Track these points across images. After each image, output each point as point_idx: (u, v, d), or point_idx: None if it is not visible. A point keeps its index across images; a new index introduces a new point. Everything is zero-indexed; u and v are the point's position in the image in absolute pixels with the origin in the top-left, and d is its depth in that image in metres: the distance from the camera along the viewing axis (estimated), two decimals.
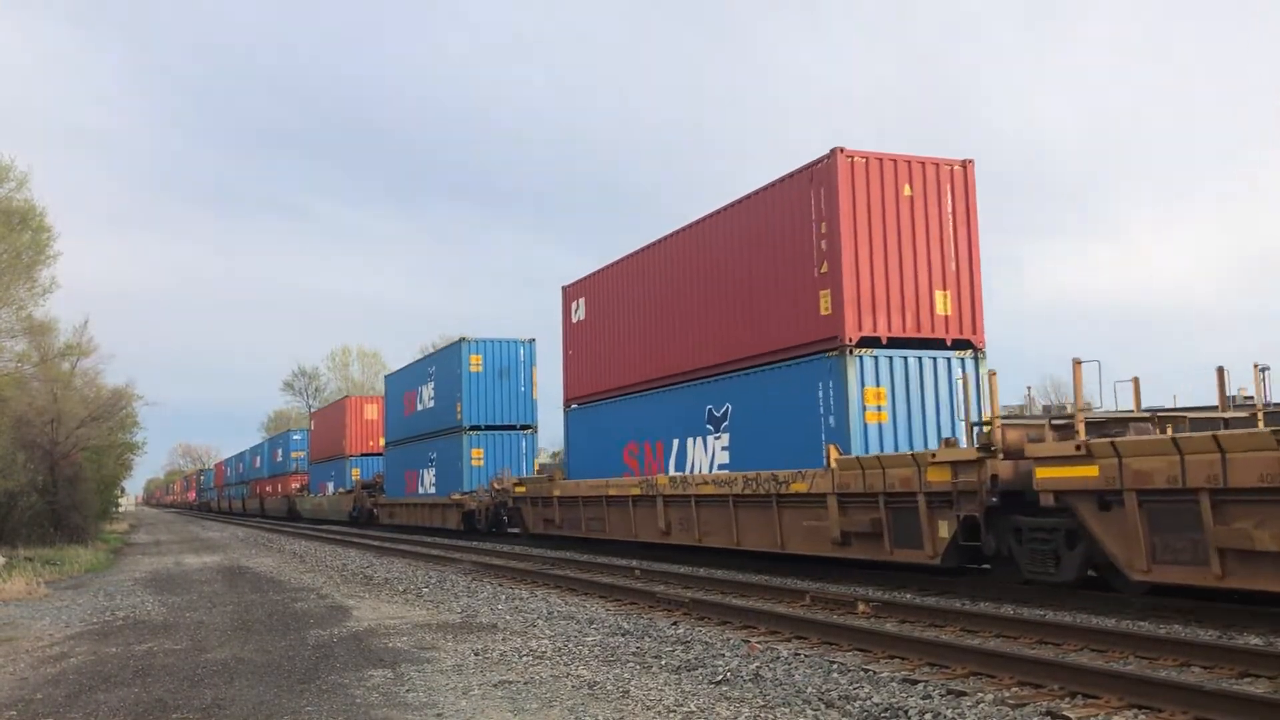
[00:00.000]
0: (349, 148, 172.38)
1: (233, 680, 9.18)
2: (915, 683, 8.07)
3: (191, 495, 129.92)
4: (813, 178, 16.80)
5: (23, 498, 33.42)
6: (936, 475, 13.43)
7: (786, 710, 7.40)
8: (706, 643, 10.38)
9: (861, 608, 12.23)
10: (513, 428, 34.45)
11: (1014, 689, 7.78)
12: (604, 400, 24.29)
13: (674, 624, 11.95)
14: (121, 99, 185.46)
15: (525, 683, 8.59)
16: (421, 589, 16.88)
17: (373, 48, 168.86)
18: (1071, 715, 6.92)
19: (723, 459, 19.22)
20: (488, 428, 34.03)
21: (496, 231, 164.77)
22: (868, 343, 16.12)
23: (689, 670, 9.02)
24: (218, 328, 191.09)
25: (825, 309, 16.40)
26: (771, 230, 17.92)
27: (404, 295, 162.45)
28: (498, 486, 30.55)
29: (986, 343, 16.84)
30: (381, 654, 10.30)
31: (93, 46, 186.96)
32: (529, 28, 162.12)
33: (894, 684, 8.07)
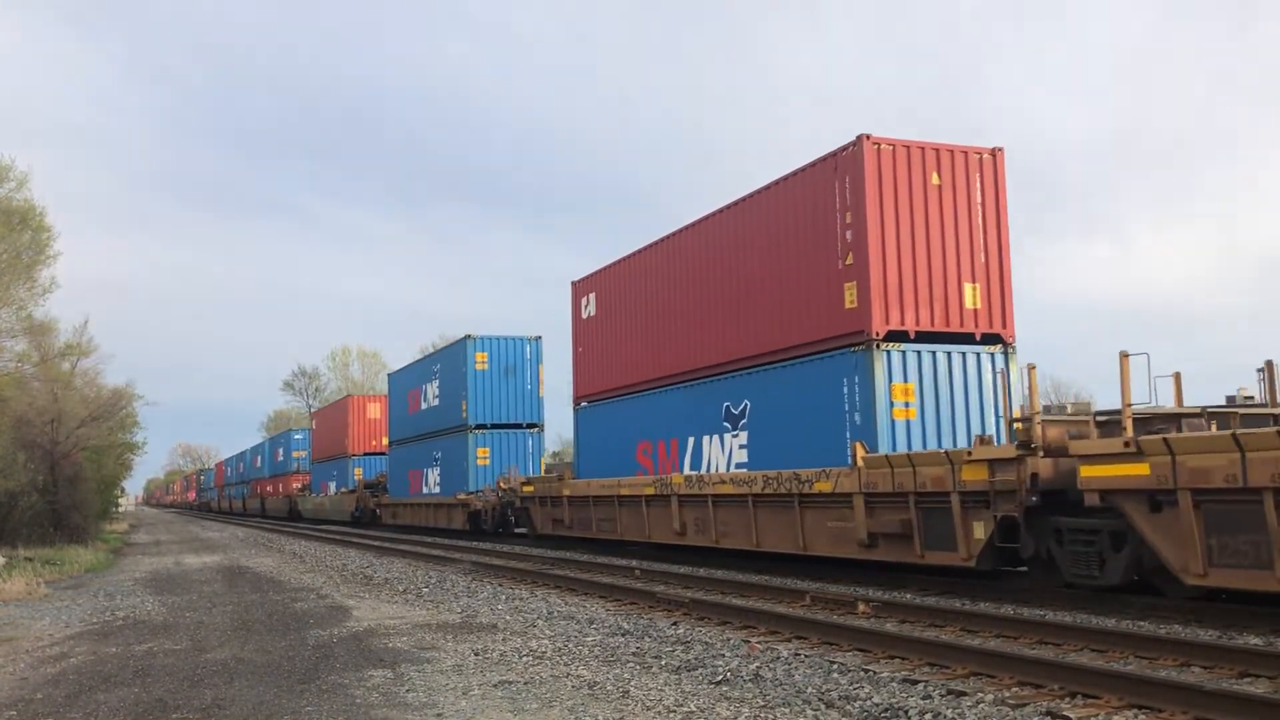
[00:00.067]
0: (349, 148, 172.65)
1: (233, 680, 9.18)
2: (915, 683, 8.07)
3: (191, 495, 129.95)
4: (837, 166, 16.28)
5: (23, 498, 33.44)
6: (972, 474, 12.90)
7: (786, 710, 7.40)
8: (706, 643, 10.38)
9: (861, 608, 12.23)
10: (519, 426, 33.91)
11: (1014, 689, 7.78)
12: (616, 398, 23.77)
13: (674, 624, 11.95)
14: (121, 99, 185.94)
15: (525, 683, 8.59)
16: (421, 589, 16.89)
17: (373, 48, 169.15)
18: (1071, 715, 6.92)
19: (740, 458, 18.70)
20: (493, 426, 33.53)
21: (496, 231, 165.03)
22: (895, 337, 15.58)
23: (689, 670, 9.02)
24: (218, 328, 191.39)
25: (850, 302, 15.87)
26: (793, 221, 17.44)
27: (404, 295, 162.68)
28: (504, 486, 30.04)
29: (1016, 337, 16.30)
30: (381, 654, 10.30)
31: (92, 46, 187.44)
32: (529, 28, 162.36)
33: (894, 684, 8.07)
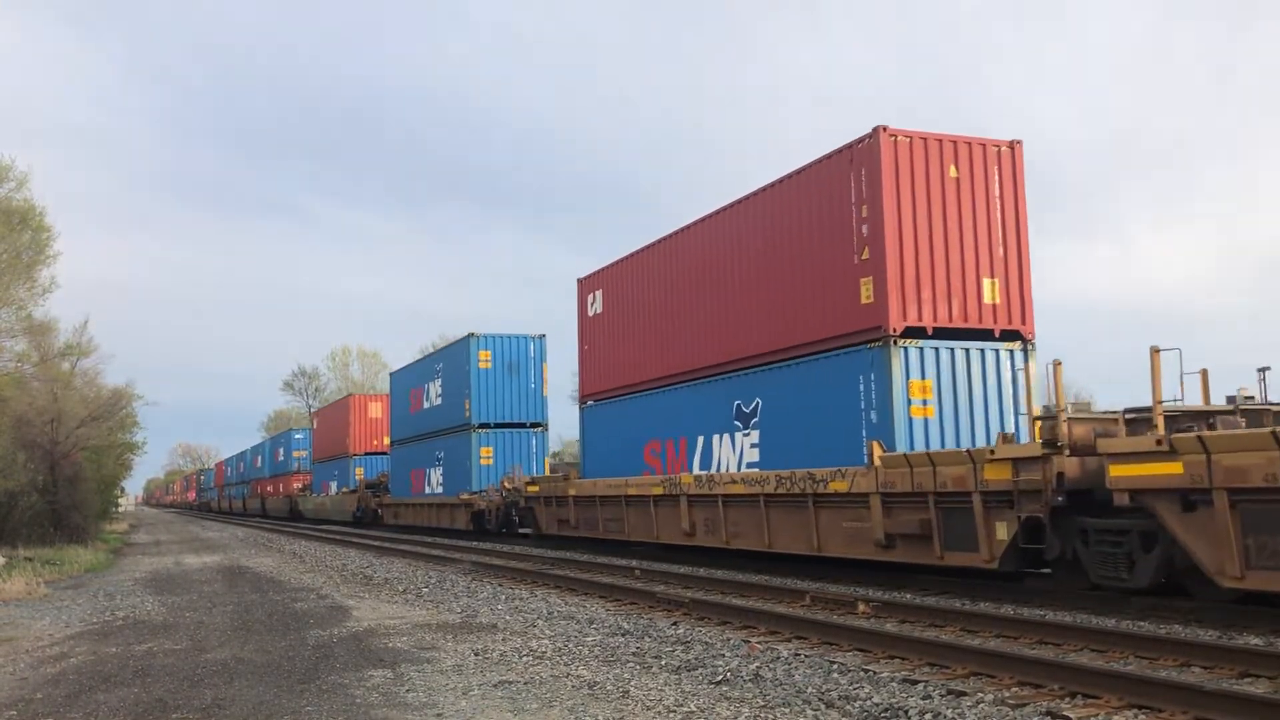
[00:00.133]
0: (349, 148, 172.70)
1: (233, 680, 9.18)
2: (915, 683, 8.07)
3: (191, 495, 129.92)
4: (853, 159, 16.00)
5: (23, 497, 33.44)
6: (995, 473, 12.62)
7: (786, 710, 7.40)
8: (706, 643, 10.38)
9: (861, 608, 12.22)
10: (523, 425, 33.58)
11: (1014, 689, 7.78)
12: (623, 396, 23.47)
13: (674, 624, 11.95)
14: (121, 99, 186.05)
15: (525, 683, 8.59)
16: (421, 589, 16.88)
17: (373, 48, 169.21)
18: (1071, 715, 6.92)
19: (752, 457, 18.40)
20: (497, 425, 33.21)
21: (496, 231, 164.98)
22: (912, 333, 15.27)
23: (689, 670, 9.02)
24: (218, 328, 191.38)
25: (866, 297, 15.58)
26: (807, 215, 17.13)
27: (404, 295, 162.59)
28: (509, 486, 29.78)
29: (1036, 334, 16.05)
30: (381, 654, 10.30)
31: (92, 46, 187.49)
32: (529, 28, 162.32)
33: (894, 684, 8.07)
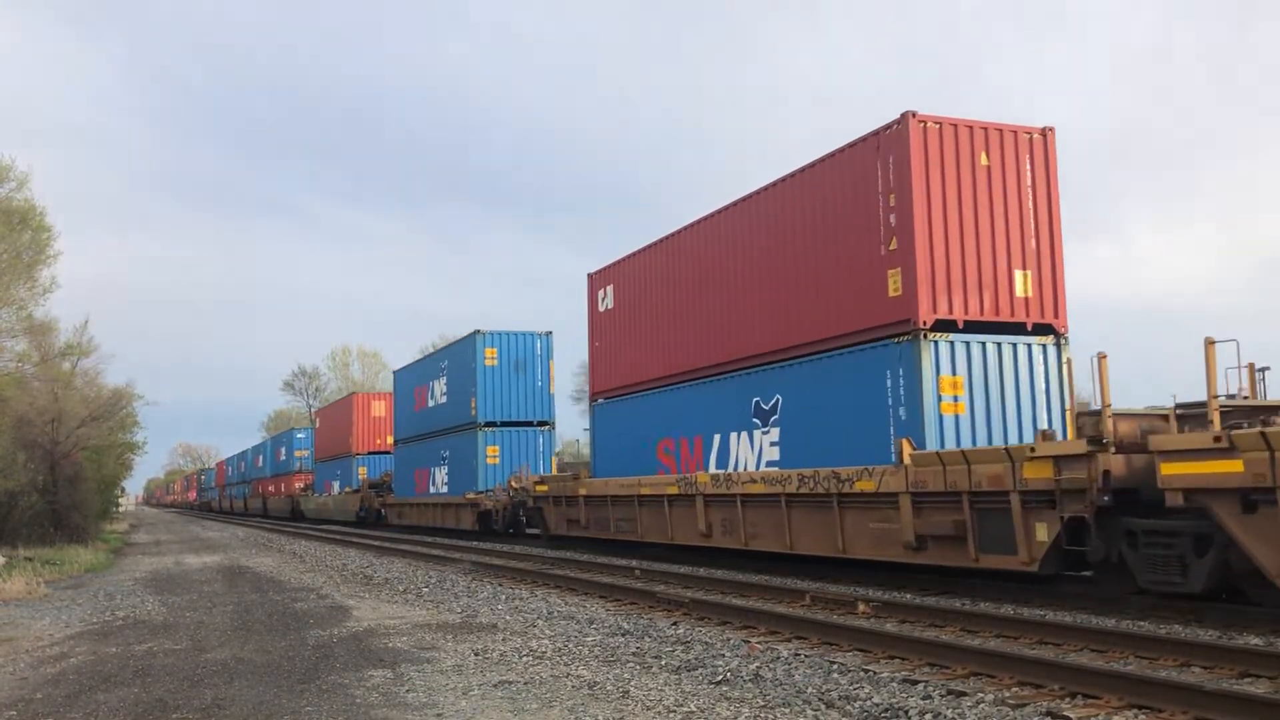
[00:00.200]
0: (349, 148, 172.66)
1: (233, 680, 9.18)
2: (915, 683, 8.07)
3: (192, 495, 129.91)
4: (880, 146, 15.42)
5: (23, 497, 33.45)
6: (1035, 471, 12.08)
7: (786, 710, 7.40)
8: (706, 643, 10.38)
9: (861, 608, 12.22)
10: (530, 424, 33.03)
11: (1014, 689, 7.78)
12: (636, 394, 22.91)
13: (674, 624, 11.95)
14: (121, 99, 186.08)
15: (525, 683, 8.59)
16: (421, 589, 16.88)
17: (373, 48, 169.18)
18: (1072, 715, 6.92)
19: (772, 455, 17.81)
20: (503, 424, 32.68)
21: (497, 231, 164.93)
22: (942, 326, 14.72)
23: (689, 670, 9.02)
24: (218, 328, 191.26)
25: (895, 290, 15.03)
26: (830, 205, 16.55)
27: (404, 295, 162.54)
28: (516, 485, 29.36)
29: (1069, 327, 15.52)
30: (381, 654, 10.30)
31: (92, 46, 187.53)
32: (529, 28, 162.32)
33: (894, 684, 8.07)
